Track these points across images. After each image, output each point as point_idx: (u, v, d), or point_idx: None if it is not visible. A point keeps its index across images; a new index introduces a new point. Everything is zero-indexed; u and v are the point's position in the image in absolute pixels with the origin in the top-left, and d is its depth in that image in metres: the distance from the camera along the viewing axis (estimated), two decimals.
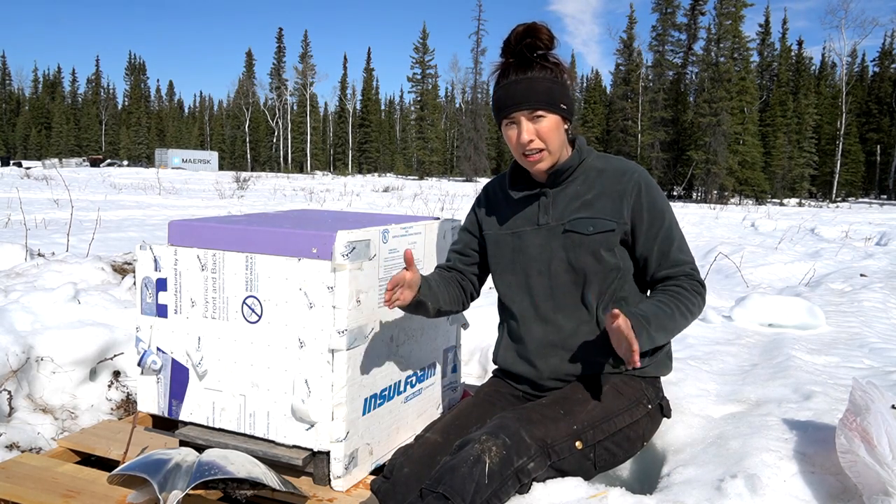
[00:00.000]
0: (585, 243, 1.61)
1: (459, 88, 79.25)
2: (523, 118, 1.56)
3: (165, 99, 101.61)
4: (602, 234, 1.60)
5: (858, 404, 1.43)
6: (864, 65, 61.99)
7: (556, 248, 1.65)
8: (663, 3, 47.05)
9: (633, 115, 48.81)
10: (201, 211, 12.49)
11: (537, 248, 1.67)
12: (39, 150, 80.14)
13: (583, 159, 1.67)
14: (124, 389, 2.48)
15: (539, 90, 1.55)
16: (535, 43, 1.56)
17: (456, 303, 1.78)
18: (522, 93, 1.55)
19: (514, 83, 1.57)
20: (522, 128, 1.56)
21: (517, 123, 1.58)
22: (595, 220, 1.61)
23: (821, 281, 5.22)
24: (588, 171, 1.66)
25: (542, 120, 1.56)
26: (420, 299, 1.62)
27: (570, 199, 1.65)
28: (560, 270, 1.65)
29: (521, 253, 1.70)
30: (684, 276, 1.62)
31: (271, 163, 75.25)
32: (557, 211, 1.65)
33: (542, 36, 1.56)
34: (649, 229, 1.61)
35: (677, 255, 1.63)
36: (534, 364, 1.68)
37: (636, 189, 1.61)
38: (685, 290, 1.59)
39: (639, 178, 1.63)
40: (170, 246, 1.78)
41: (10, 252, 3.89)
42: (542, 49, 1.58)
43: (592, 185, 1.64)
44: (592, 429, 1.52)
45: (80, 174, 30.44)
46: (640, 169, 1.66)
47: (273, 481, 1.54)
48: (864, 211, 27.05)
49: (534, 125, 1.57)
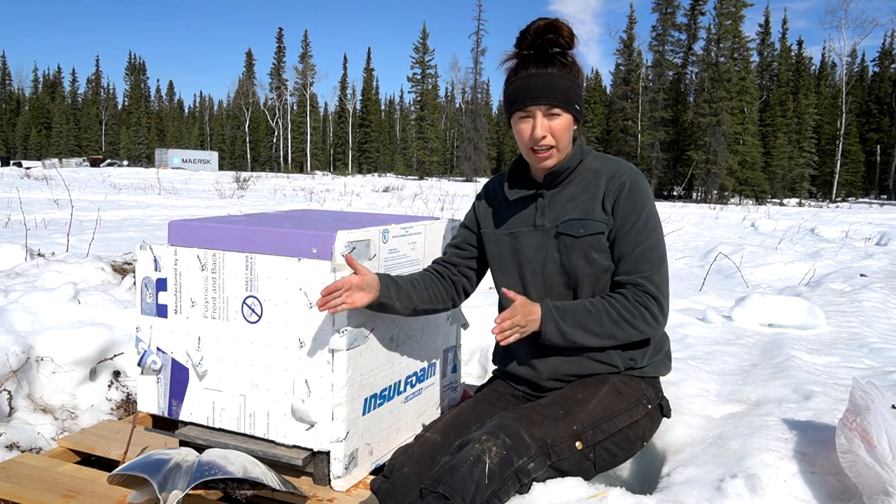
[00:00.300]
0: (576, 245, 1.61)
1: (459, 88, 79.25)
2: (539, 113, 1.56)
3: (165, 99, 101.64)
4: (592, 237, 1.60)
5: (858, 404, 1.43)
6: (864, 65, 62.02)
7: (550, 250, 1.65)
8: (663, 3, 47.05)
9: (633, 115, 48.81)
10: (201, 211, 12.49)
11: (533, 250, 1.67)
12: (39, 150, 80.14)
13: (581, 160, 1.66)
14: (124, 389, 2.48)
15: (559, 87, 1.55)
16: (556, 40, 1.56)
17: (439, 300, 1.76)
18: (543, 87, 1.54)
19: (534, 76, 1.55)
20: (537, 122, 1.56)
21: (532, 117, 1.57)
22: (586, 221, 1.60)
23: (821, 281, 5.22)
24: (585, 172, 1.66)
25: (556, 118, 1.56)
26: (382, 301, 1.59)
27: (566, 200, 1.65)
28: (553, 272, 1.65)
29: (518, 254, 1.70)
30: (631, 285, 1.58)
31: (271, 163, 75.25)
32: (554, 212, 1.65)
33: (563, 33, 1.56)
34: (619, 228, 1.59)
35: (633, 263, 1.58)
36: (533, 366, 1.68)
37: (619, 188, 1.60)
38: (625, 298, 1.56)
39: (626, 178, 1.61)
40: (170, 246, 1.78)
41: (10, 252, 3.89)
42: (562, 47, 1.57)
43: (587, 186, 1.64)
44: (592, 429, 1.52)
45: (80, 174, 30.43)
46: (631, 170, 1.64)
47: (273, 481, 1.54)
48: (864, 211, 27.05)
49: (548, 122, 1.56)
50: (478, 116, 60.95)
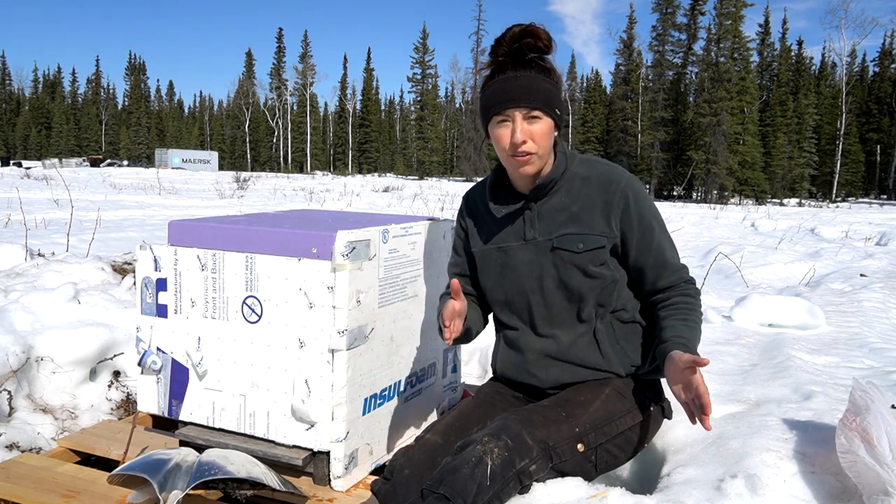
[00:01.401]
0: (575, 261, 1.57)
1: (459, 88, 79.24)
2: (519, 116, 1.49)
3: (165, 99, 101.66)
4: (592, 252, 1.56)
5: (858, 404, 1.43)
6: (864, 65, 62.03)
7: (546, 265, 1.61)
8: (663, 3, 47.07)
9: (633, 115, 48.83)
10: (201, 211, 12.49)
11: (527, 265, 1.63)
12: (39, 150, 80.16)
13: (566, 167, 1.60)
14: (124, 389, 2.48)
15: (539, 89, 1.49)
16: (534, 44, 1.51)
17: (481, 323, 1.79)
18: (522, 90, 1.48)
19: (511, 79, 1.49)
20: (517, 126, 1.49)
21: (511, 121, 1.50)
22: (584, 236, 1.56)
23: (821, 281, 5.21)
24: (572, 179, 1.60)
25: (537, 122, 1.50)
26: (468, 326, 1.64)
27: (555, 211, 1.59)
28: (553, 288, 1.61)
29: (510, 269, 1.65)
30: (685, 283, 1.62)
31: (271, 163, 75.26)
32: (544, 224, 1.60)
33: (541, 37, 1.50)
34: (640, 242, 1.58)
35: (673, 264, 1.61)
36: (534, 374, 1.67)
37: (623, 200, 1.56)
38: (692, 297, 1.61)
39: (626, 187, 1.57)
40: (170, 246, 1.78)
41: (10, 252, 3.89)
42: (540, 51, 1.52)
43: (578, 195, 1.59)
44: (594, 431, 1.51)
45: (80, 174, 30.43)
46: (625, 176, 1.60)
47: (273, 481, 1.54)
48: (864, 211, 27.05)
49: (528, 126, 1.50)
50: (478, 116, 60.85)
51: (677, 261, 1.63)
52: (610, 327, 1.63)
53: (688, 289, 1.62)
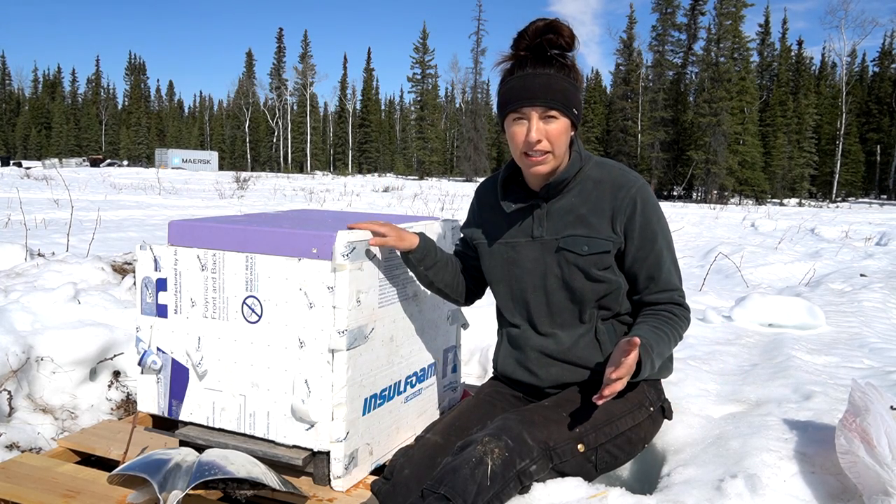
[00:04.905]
0: (579, 263, 1.57)
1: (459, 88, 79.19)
2: (535, 115, 1.48)
3: (165, 99, 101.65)
4: (597, 255, 1.56)
5: (858, 405, 1.43)
6: (864, 65, 62.04)
7: (550, 264, 1.61)
8: (663, 3, 47.07)
9: (633, 115, 48.82)
10: (201, 211, 12.49)
11: (531, 262, 1.63)
12: (39, 150, 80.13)
13: (580, 168, 1.59)
14: (124, 389, 2.48)
15: (557, 89, 1.47)
16: (556, 40, 1.48)
17: (455, 289, 1.79)
18: (540, 88, 1.47)
19: (530, 76, 1.48)
20: (533, 125, 1.48)
21: (527, 119, 1.49)
22: (591, 239, 1.56)
23: (821, 281, 5.21)
24: (585, 181, 1.59)
25: (553, 121, 1.49)
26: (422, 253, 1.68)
27: (564, 211, 1.59)
28: (555, 288, 1.61)
29: (516, 265, 1.66)
30: (672, 304, 1.59)
31: (271, 163, 75.25)
32: (552, 223, 1.60)
33: (563, 33, 1.48)
34: (639, 251, 1.56)
35: (667, 281, 1.58)
36: (534, 373, 1.67)
37: (631, 206, 1.55)
38: (676, 317, 1.57)
39: (636, 194, 1.55)
40: (170, 246, 1.77)
41: (10, 252, 3.89)
42: (561, 48, 1.50)
43: (588, 197, 1.58)
44: (594, 431, 1.52)
45: (80, 174, 30.42)
46: (639, 183, 1.58)
47: (273, 481, 1.54)
48: (864, 211, 27.05)
49: (544, 125, 1.49)
50: (478, 116, 60.95)
51: (674, 280, 1.60)
52: (612, 329, 1.63)
53: (674, 308, 1.58)
